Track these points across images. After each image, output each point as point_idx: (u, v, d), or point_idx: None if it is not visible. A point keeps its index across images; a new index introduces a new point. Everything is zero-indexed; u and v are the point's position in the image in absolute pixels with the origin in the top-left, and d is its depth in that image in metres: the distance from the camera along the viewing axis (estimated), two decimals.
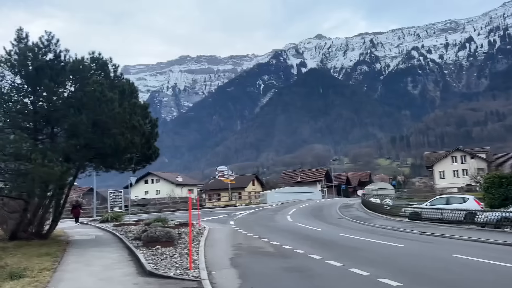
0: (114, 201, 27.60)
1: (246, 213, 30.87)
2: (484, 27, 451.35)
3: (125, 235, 16.60)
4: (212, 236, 16.20)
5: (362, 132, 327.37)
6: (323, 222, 23.13)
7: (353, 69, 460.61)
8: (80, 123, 12.36)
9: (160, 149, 17.22)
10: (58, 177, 11.58)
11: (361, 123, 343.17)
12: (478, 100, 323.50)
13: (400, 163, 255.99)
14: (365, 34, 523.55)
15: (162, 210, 40.90)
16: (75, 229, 22.35)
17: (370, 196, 36.06)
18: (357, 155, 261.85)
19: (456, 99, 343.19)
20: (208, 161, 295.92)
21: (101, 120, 12.79)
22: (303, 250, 11.60)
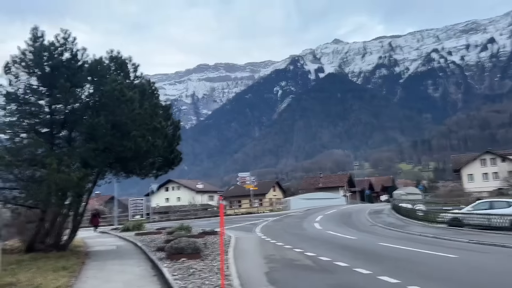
0: (135, 209, 26.79)
1: (270, 221, 29.59)
2: (506, 27, 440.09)
3: (147, 245, 15.59)
4: (239, 246, 15.01)
5: (382, 137, 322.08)
6: (355, 230, 21.68)
7: (372, 73, 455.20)
8: (98, 125, 11.42)
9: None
10: (75, 184, 10.64)
11: (381, 128, 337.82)
12: (502, 101, 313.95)
13: (422, 168, 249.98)
14: (383, 38, 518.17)
15: (183, 218, 40.02)
16: (95, 239, 21.53)
17: (399, 201, 34.29)
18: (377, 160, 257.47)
19: (478, 101, 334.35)
20: (227, 168, 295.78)
21: (120, 122, 11.84)
22: (345, 262, 10.30)
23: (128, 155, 12.05)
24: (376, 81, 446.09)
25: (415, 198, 42.11)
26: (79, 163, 11.60)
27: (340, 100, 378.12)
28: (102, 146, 11.75)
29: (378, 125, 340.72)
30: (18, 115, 11.82)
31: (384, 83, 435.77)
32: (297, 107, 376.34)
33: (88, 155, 11.36)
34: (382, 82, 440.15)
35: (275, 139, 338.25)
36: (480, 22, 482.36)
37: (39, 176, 11.06)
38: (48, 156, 10.54)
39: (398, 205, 29.91)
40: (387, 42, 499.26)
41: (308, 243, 15.54)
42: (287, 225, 26.03)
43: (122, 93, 11.57)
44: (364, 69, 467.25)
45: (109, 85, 11.49)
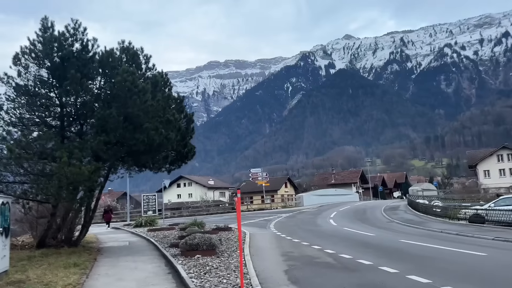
0: (147, 205, 26.52)
1: (284, 217, 29.09)
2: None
3: (160, 241, 15.24)
4: (255, 242, 14.55)
5: (394, 133, 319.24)
6: (371, 226, 21.06)
7: (383, 69, 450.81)
8: (109, 117, 11.02)
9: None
10: (86, 178, 10.27)
11: (393, 124, 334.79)
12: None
13: (435, 164, 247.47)
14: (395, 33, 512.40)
15: (195, 214, 39.74)
16: (107, 235, 21.29)
17: (416, 198, 33.49)
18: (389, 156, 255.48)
19: (493, 96, 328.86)
20: (237, 165, 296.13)
21: (132, 114, 11.44)
22: (368, 260, 9.76)
23: (141, 148, 11.64)
24: (388, 76, 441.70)
25: (430, 194, 41.19)
26: (91, 156, 11.23)
27: (351, 96, 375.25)
28: (114, 139, 11.37)
29: (389, 121, 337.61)
30: (28, 107, 11.49)
31: (396, 79, 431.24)
32: (308, 103, 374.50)
33: (100, 148, 10.98)
34: (394, 77, 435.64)
35: (286, 136, 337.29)
36: (494, 16, 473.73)
37: (50, 170, 10.71)
38: (59, 149, 10.17)
39: (415, 201, 29.14)
40: (398, 37, 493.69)
41: (325, 240, 15.01)
42: (301, 221, 25.51)
43: (134, 83, 11.15)
44: (375, 64, 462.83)
45: (120, 76, 11.07)
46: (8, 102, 11.35)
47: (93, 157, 11.39)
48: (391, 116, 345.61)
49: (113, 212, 31.21)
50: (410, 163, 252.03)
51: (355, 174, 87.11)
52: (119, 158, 12.25)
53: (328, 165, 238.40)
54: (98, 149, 10.91)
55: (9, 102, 11.34)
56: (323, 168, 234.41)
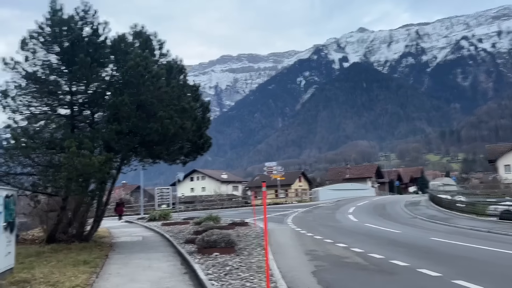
0: (161, 198, 25.93)
1: (300, 212, 28.22)
2: None
3: (175, 237, 14.54)
4: (274, 238, 13.75)
5: (409, 127, 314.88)
6: (395, 222, 20.08)
7: (398, 62, 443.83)
8: (121, 104, 10.28)
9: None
10: (97, 169, 9.56)
11: (407, 118, 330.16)
12: None
13: (450, 159, 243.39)
14: (410, 26, 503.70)
15: (209, 208, 39.14)
16: (120, 229, 20.72)
17: (437, 192, 32.31)
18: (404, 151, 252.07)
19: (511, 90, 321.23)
20: (250, 159, 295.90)
21: (145, 101, 10.68)
22: (403, 261, 8.86)
23: (155, 138, 10.89)
24: (403, 70, 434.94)
25: (451, 189, 39.83)
26: (102, 147, 10.53)
27: (365, 90, 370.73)
28: (126, 129, 10.62)
29: (404, 115, 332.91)
30: (35, 94, 10.81)
31: (411, 72, 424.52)
32: (321, 97, 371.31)
33: (111, 138, 10.25)
34: (409, 71, 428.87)
35: (299, 130, 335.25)
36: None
37: (58, 160, 10.03)
38: (68, 138, 9.48)
39: (438, 197, 27.96)
40: (414, 30, 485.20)
41: (349, 237, 14.12)
42: (319, 216, 24.62)
43: (147, 68, 10.38)
44: (390, 58, 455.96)
45: (132, 60, 10.31)
46: (14, 89, 10.69)
47: (105, 148, 10.69)
48: (406, 110, 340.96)
49: (127, 205, 30.82)
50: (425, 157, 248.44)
51: (370, 168, 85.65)
52: (131, 148, 11.50)
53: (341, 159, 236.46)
54: (110, 138, 10.19)
55: (15, 89, 10.68)
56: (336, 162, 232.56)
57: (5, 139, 10.25)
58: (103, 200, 12.83)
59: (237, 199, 55.58)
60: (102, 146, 10.48)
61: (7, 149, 10.14)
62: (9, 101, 10.39)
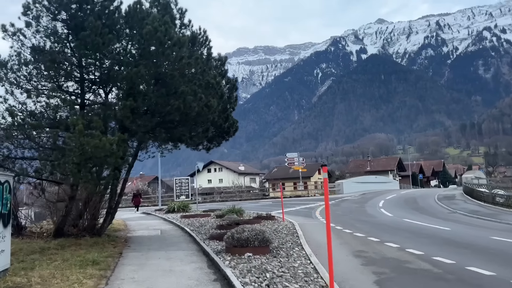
0: (180, 189, 24.51)
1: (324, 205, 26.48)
2: None
3: (197, 231, 13.01)
4: (310, 235, 12.07)
5: (428, 120, 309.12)
6: (434, 218, 18.20)
7: (417, 54, 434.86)
8: (136, 77, 8.69)
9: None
10: (108, 152, 8.01)
11: (426, 111, 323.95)
12: None
13: (471, 152, 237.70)
14: (430, 16, 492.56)
15: (228, 200, 37.75)
16: (137, 221, 19.38)
17: (473, 186, 30.10)
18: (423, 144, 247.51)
19: None
20: (265, 151, 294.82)
21: (165, 74, 9.08)
22: (482, 268, 7.10)
23: (176, 117, 9.31)
24: (422, 62, 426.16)
25: (483, 182, 37.44)
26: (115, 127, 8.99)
27: (383, 82, 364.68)
28: (143, 106, 9.07)
29: (423, 108, 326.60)
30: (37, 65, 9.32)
31: (431, 64, 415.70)
32: (338, 89, 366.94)
33: (126, 115, 8.69)
34: (428, 63, 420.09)
35: (315, 123, 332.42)
36: None
37: (63, 141, 8.54)
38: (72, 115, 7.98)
39: (477, 190, 25.81)
40: (434, 20, 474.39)
41: (394, 235, 12.38)
42: (348, 210, 22.85)
43: (167, 35, 8.76)
44: (409, 49, 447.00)
45: (150, 25, 8.70)
46: (14, 59, 9.24)
47: (119, 129, 9.15)
48: (425, 103, 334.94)
49: (144, 196, 29.68)
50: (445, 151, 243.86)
51: (392, 161, 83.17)
52: (149, 130, 9.89)
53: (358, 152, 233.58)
54: (124, 116, 8.63)
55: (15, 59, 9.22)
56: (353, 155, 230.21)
57: (1, 116, 8.79)
58: (117, 190, 11.33)
59: (255, 191, 54.11)
60: (115, 126, 8.95)
61: (4, 128, 8.70)
62: (7, 72, 8.94)
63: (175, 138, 10.69)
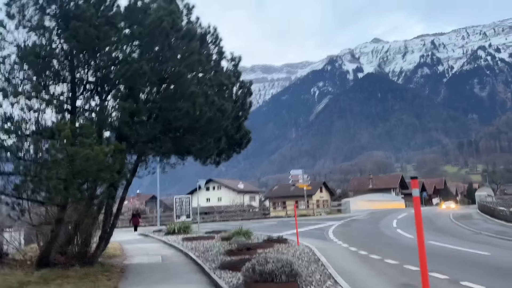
0: (181, 208, 22.82)
1: (337, 225, 24.77)
2: None
3: (204, 258, 11.33)
4: (336, 263, 10.41)
5: (425, 138, 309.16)
6: (460, 239, 16.58)
7: (413, 72, 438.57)
8: (138, 74, 7.21)
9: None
10: (102, 165, 6.46)
11: (423, 128, 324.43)
12: None
13: (469, 170, 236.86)
14: (425, 36, 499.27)
15: (229, 219, 35.96)
16: (135, 244, 17.63)
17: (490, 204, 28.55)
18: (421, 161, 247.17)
19: None
20: (263, 169, 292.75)
21: (172, 72, 7.58)
22: None
23: (184, 123, 7.81)
24: (418, 80, 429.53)
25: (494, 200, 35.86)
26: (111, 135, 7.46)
27: (380, 100, 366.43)
28: (145, 110, 7.58)
29: (420, 126, 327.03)
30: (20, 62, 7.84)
31: (427, 83, 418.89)
32: (335, 107, 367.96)
33: (124, 121, 7.19)
34: (424, 81, 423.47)
35: (312, 141, 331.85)
36: None
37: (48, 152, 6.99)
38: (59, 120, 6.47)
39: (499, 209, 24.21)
40: (429, 40, 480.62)
41: (429, 261, 10.75)
42: (363, 231, 21.18)
43: (174, 26, 7.33)
44: (405, 68, 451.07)
45: (154, 14, 7.28)
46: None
47: (116, 138, 7.63)
48: (422, 121, 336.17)
49: (142, 216, 28.04)
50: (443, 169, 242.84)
51: (394, 178, 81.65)
52: (152, 139, 8.34)
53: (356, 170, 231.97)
54: (122, 122, 7.12)
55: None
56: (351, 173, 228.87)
57: None
58: (113, 211, 9.71)
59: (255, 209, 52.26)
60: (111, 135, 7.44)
61: None
62: None
63: (182, 150, 9.07)
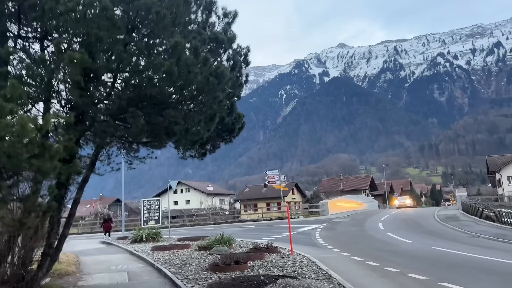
0: (149, 212, 20.11)
1: (320, 229, 22.79)
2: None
3: (183, 275, 8.92)
4: (350, 279, 8.30)
5: (388, 141, 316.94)
6: (459, 244, 14.99)
7: (377, 77, 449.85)
8: (96, 15, 4.78)
9: (184, 160, 10.02)
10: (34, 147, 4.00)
11: (386, 132, 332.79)
12: (509, 106, 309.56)
13: (430, 172, 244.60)
14: (389, 42, 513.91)
15: (201, 223, 33.35)
16: (95, 256, 14.88)
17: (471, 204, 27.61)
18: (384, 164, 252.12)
19: (485, 105, 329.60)
20: (231, 172, 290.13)
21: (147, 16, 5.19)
22: None
23: (164, 90, 5.42)
24: (382, 85, 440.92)
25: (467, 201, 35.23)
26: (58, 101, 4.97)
27: (345, 104, 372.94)
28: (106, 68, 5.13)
29: (383, 129, 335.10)
30: None
31: (390, 87, 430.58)
32: (302, 111, 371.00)
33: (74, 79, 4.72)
34: (387, 86, 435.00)
35: (280, 143, 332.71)
36: (486, 26, 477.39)
37: None
38: None
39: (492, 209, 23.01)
40: (392, 46, 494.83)
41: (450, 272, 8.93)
42: (353, 236, 19.28)
43: None
44: (369, 73, 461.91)
45: None
46: None
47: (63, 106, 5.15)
48: (385, 124, 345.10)
49: (113, 221, 25.54)
50: (405, 171, 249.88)
51: (364, 180, 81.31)
52: (116, 112, 5.78)
53: (323, 172, 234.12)
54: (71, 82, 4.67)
55: None
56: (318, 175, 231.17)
57: None
58: (60, 217, 7.12)
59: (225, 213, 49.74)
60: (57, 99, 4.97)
61: None
62: None
63: (160, 130, 6.33)
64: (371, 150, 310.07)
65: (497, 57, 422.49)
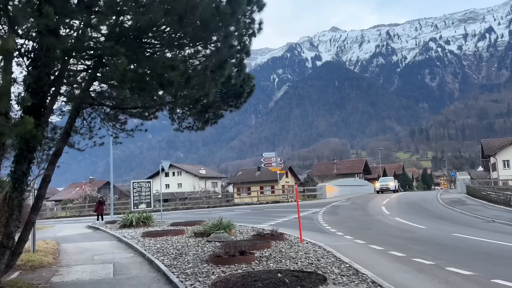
0: (139, 195, 18.58)
1: (322, 213, 21.46)
2: (505, 17, 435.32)
3: (179, 268, 7.43)
4: (389, 278, 6.89)
5: (379, 126, 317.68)
6: (478, 229, 13.75)
7: (369, 62, 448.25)
8: None
9: (175, 144, 8.42)
10: None
11: (378, 116, 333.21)
12: (499, 91, 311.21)
13: (420, 156, 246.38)
14: (381, 26, 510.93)
15: (194, 207, 31.94)
16: (79, 242, 13.36)
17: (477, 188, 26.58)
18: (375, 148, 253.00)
19: (476, 90, 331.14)
20: (223, 156, 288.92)
21: None
22: None
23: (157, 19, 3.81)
24: (374, 69, 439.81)
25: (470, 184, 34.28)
26: None
27: (337, 88, 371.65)
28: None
29: (375, 114, 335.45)
30: None
31: (382, 72, 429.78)
32: (294, 95, 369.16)
33: None
34: (379, 70, 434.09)
35: (272, 127, 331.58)
36: (478, 11, 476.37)
37: None
38: None
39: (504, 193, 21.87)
40: (385, 30, 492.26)
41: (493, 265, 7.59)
42: (360, 221, 17.97)
43: None
44: (361, 57, 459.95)
45: None
46: None
47: None
48: (376, 109, 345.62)
49: (92, 204, 24.12)
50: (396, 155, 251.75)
51: (358, 163, 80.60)
52: (90, 49, 4.04)
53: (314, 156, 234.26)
54: None
55: None
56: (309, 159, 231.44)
57: None
58: (22, 199, 5.53)
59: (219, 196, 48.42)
60: None
61: None
62: None
63: (151, 77, 4.68)
64: (362, 134, 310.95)
65: (488, 43, 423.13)
